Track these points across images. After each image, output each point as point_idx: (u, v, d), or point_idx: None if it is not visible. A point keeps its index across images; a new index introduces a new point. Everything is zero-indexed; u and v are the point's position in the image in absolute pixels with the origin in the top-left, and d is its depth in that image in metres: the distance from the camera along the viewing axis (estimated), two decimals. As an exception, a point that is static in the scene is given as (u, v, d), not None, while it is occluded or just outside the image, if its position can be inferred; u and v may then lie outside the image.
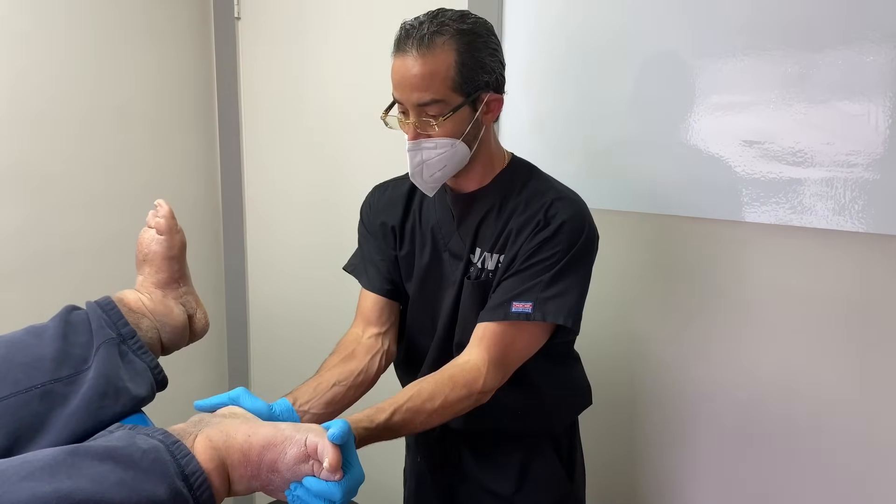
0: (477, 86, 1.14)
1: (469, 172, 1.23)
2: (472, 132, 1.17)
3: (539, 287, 1.16)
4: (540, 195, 1.21)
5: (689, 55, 1.47)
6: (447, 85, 1.11)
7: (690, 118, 1.48)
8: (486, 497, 1.37)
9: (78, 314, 0.98)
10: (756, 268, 1.46)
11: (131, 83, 2.07)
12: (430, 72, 1.10)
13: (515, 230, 1.19)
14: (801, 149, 1.36)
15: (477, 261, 1.24)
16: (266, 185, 2.32)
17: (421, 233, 1.32)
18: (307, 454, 0.80)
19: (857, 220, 1.32)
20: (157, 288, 1.11)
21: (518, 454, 1.34)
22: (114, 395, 0.89)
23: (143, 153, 2.13)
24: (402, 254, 1.35)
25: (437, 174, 1.18)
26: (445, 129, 1.14)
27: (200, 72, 2.28)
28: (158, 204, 1.15)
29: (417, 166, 1.17)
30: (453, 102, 1.13)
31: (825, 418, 1.41)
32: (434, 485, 1.44)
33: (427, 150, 1.15)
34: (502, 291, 1.18)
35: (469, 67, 1.12)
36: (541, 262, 1.16)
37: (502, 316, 1.16)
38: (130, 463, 0.69)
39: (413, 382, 1.13)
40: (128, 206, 2.08)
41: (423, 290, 1.33)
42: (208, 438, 0.78)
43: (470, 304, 1.24)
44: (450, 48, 1.11)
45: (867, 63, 1.28)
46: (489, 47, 1.15)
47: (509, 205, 1.22)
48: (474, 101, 1.15)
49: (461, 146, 1.16)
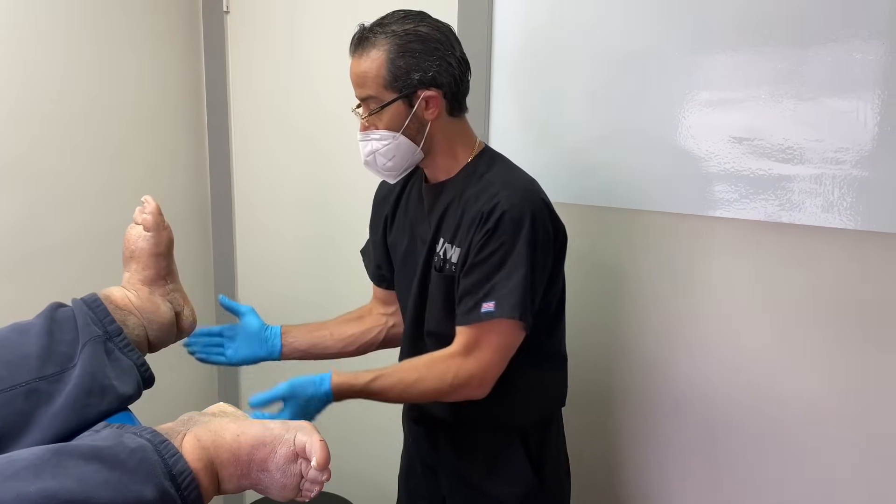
0: (409, 84, 1.22)
1: (434, 163, 1.32)
2: (414, 126, 1.26)
3: (500, 284, 1.21)
4: (490, 185, 1.25)
5: (680, 52, 1.47)
6: (378, 83, 1.22)
7: (681, 114, 1.48)
8: (460, 483, 1.42)
9: (64, 311, 0.97)
10: (745, 264, 1.46)
11: (118, 78, 2.05)
12: (365, 71, 1.23)
13: (467, 222, 1.25)
14: (790, 145, 1.36)
15: (440, 250, 1.31)
16: (255, 181, 2.31)
17: (405, 221, 1.41)
18: (296, 453, 0.79)
19: (846, 216, 1.32)
20: (144, 285, 1.10)
21: (487, 446, 1.38)
22: (100, 394, 0.88)
23: (130, 149, 2.11)
24: (391, 241, 1.45)
25: (388, 164, 1.29)
26: (384, 122, 1.25)
27: (189, 66, 2.26)
28: (145, 200, 1.14)
29: (369, 155, 1.29)
30: (384, 98, 1.23)
31: (812, 416, 1.42)
32: (420, 466, 1.51)
33: (374, 142, 1.27)
34: (469, 291, 1.23)
35: (399, 67, 1.21)
36: (490, 255, 1.21)
37: (475, 318, 1.22)
38: (117, 463, 0.68)
39: (405, 360, 1.27)
40: (114, 203, 2.06)
41: (402, 276, 1.41)
42: (196, 438, 0.77)
43: (437, 294, 1.31)
44: (382, 49, 1.21)
45: (856, 60, 1.28)
46: (427, 47, 1.22)
47: (466, 196, 1.28)
48: (409, 97, 1.23)
49: (403, 139, 1.26)
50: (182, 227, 2.20)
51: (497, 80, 1.71)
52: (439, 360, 1.24)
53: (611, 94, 1.56)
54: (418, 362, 1.25)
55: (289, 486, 0.81)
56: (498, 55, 1.70)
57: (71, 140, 1.96)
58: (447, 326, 1.28)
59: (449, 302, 1.29)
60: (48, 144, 1.90)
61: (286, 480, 0.80)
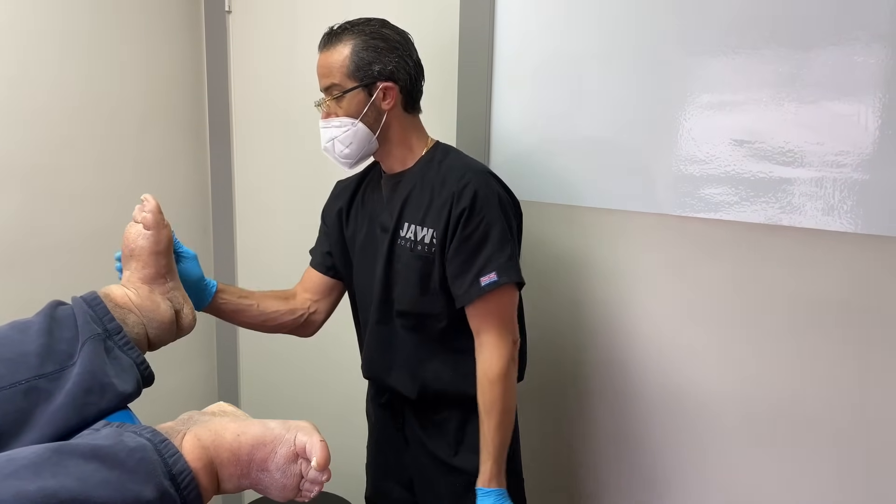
0: (370, 74, 1.35)
1: (390, 154, 1.43)
2: (371, 115, 1.37)
3: (494, 256, 1.32)
4: (453, 170, 1.38)
5: (681, 54, 1.47)
6: (342, 72, 1.35)
7: (682, 117, 1.48)
8: (428, 461, 1.48)
9: (63, 309, 0.96)
10: (745, 267, 1.46)
11: (120, 76, 2.05)
12: (330, 61, 1.36)
13: (438, 205, 1.35)
14: (791, 148, 1.36)
15: (406, 233, 1.39)
16: (256, 180, 2.31)
17: (363, 213, 1.50)
18: (296, 453, 0.79)
19: (847, 220, 1.32)
20: (144, 283, 1.10)
21: (454, 420, 1.45)
22: (99, 392, 0.88)
23: (131, 147, 2.11)
24: (348, 234, 1.52)
25: (345, 150, 1.38)
26: (344, 108, 1.36)
27: (191, 66, 2.26)
28: (145, 199, 1.14)
29: (328, 141, 1.39)
30: (346, 85, 1.35)
31: (809, 416, 1.42)
32: (389, 451, 1.57)
33: (334, 129, 1.37)
34: (463, 270, 1.33)
35: (362, 58, 1.34)
36: (473, 232, 1.32)
37: (477, 294, 1.32)
38: (116, 462, 0.68)
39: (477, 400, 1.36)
40: (115, 201, 2.06)
41: (362, 263, 1.48)
42: (197, 437, 0.77)
43: (411, 275, 1.39)
44: (347, 43, 1.35)
45: (857, 63, 1.28)
46: (389, 45, 1.36)
47: (428, 181, 1.39)
48: (369, 87, 1.35)
49: (361, 127, 1.36)
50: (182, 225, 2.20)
51: (498, 83, 1.71)
52: (489, 369, 1.34)
53: (612, 97, 1.56)
54: (483, 396, 1.35)
55: (289, 487, 0.81)
56: (499, 58, 1.70)
57: (71, 138, 1.95)
58: (422, 304, 1.39)
59: (424, 280, 1.38)
60: (48, 142, 1.90)
61: (286, 480, 0.80)
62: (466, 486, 1.41)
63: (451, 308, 1.38)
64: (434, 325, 1.40)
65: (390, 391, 1.51)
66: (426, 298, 1.39)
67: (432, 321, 1.40)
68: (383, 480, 1.60)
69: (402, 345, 1.44)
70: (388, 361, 1.46)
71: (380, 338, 1.46)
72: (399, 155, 1.43)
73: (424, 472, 1.50)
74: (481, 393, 1.36)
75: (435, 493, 1.48)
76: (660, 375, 1.60)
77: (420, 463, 1.50)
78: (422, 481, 1.51)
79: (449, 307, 1.38)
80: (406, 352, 1.44)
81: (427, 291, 1.38)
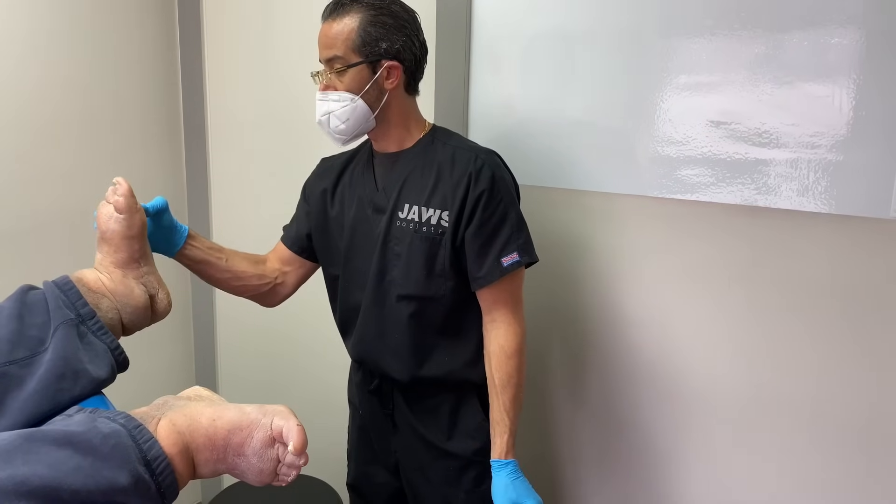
0: (375, 51, 1.31)
1: (387, 134, 1.40)
2: (373, 93, 1.33)
3: (513, 235, 1.34)
4: (463, 152, 1.37)
5: (658, 35, 1.47)
6: (347, 45, 1.30)
7: (659, 98, 1.48)
8: (419, 445, 1.47)
9: (34, 294, 0.94)
10: (722, 248, 1.47)
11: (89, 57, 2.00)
12: (336, 32, 1.31)
13: (452, 186, 1.34)
14: (766, 129, 1.37)
15: (407, 214, 1.36)
16: (232, 164, 2.28)
17: (350, 194, 1.46)
18: (273, 438, 0.79)
19: (821, 200, 1.33)
20: (117, 267, 1.08)
21: (448, 404, 1.44)
22: (72, 378, 0.87)
23: (102, 129, 2.07)
24: (333, 214, 1.48)
25: (341, 126, 1.35)
26: (345, 83, 1.32)
27: (164, 46, 2.22)
28: (117, 182, 1.12)
29: (324, 115, 1.35)
30: (351, 59, 1.31)
31: (785, 398, 1.44)
32: (374, 437, 1.54)
33: (332, 102, 1.33)
34: (484, 251, 1.33)
35: (369, 34, 1.30)
36: (493, 214, 1.33)
37: (499, 274, 1.33)
38: (90, 448, 0.67)
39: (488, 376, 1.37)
40: (86, 184, 2.02)
41: (353, 245, 1.44)
42: (172, 422, 0.76)
43: (417, 257, 1.36)
44: (355, 16, 1.30)
45: (832, 45, 1.29)
46: (395, 20, 1.32)
47: (436, 162, 1.37)
48: (373, 64, 1.32)
49: (360, 103, 1.33)
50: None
51: (476, 65, 1.70)
52: (506, 344, 1.35)
53: (590, 78, 1.56)
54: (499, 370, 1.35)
55: (266, 471, 0.81)
56: (477, 41, 1.69)
57: (41, 119, 1.91)
58: (425, 287, 1.36)
59: (430, 262, 1.36)
60: (17, 124, 1.86)
61: (263, 465, 0.80)
62: (461, 470, 1.42)
63: (455, 291, 1.37)
64: (435, 309, 1.38)
65: (381, 376, 1.48)
66: (430, 281, 1.36)
67: (434, 305, 1.38)
68: (367, 465, 1.58)
69: (397, 328, 1.40)
70: (382, 345, 1.43)
71: (374, 321, 1.43)
72: (396, 135, 1.40)
73: (414, 457, 1.48)
74: (497, 367, 1.35)
75: (426, 478, 1.47)
76: (635, 352, 1.62)
77: (410, 448, 1.48)
78: (410, 466, 1.49)
79: (454, 290, 1.37)
80: (402, 335, 1.40)
81: (432, 273, 1.36)
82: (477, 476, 1.43)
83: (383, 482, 1.56)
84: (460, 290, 1.37)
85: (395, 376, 1.43)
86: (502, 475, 1.33)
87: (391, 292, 1.40)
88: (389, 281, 1.39)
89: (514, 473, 1.33)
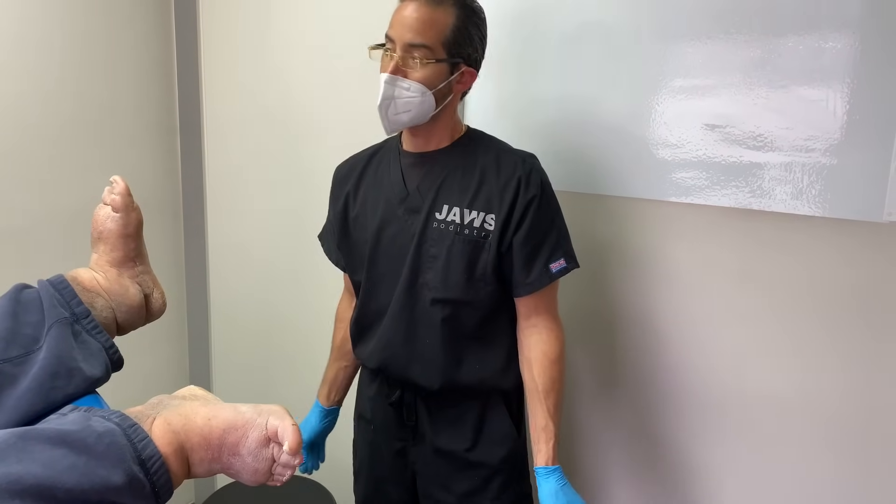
0: (461, 53, 1.28)
1: (431, 132, 1.35)
2: (443, 92, 1.29)
3: (560, 241, 1.35)
4: (508, 155, 1.36)
5: (655, 38, 1.47)
6: (440, 39, 1.25)
7: (654, 101, 1.48)
8: (438, 458, 1.43)
9: (29, 293, 0.94)
10: (716, 251, 1.48)
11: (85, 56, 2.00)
12: (432, 21, 1.25)
13: (499, 189, 1.32)
14: (761, 133, 1.38)
15: (447, 215, 1.33)
16: (227, 163, 2.28)
17: (374, 194, 1.41)
18: (268, 437, 0.79)
19: (814, 204, 1.34)
20: (113, 266, 1.08)
21: (474, 412, 1.41)
22: (66, 376, 0.86)
23: (99, 129, 2.07)
24: (353, 215, 1.44)
25: (402, 116, 1.29)
26: (422, 74, 1.26)
27: (160, 43, 2.21)
28: (114, 180, 1.12)
29: (387, 99, 1.27)
30: (439, 54, 1.26)
31: (780, 399, 1.45)
32: (387, 451, 1.49)
33: (401, 89, 1.26)
34: (534, 256, 1.32)
35: (461, 34, 1.27)
36: (542, 218, 1.32)
37: (548, 280, 1.33)
38: (84, 447, 0.67)
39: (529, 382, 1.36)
40: (82, 184, 2.02)
41: (379, 247, 1.39)
42: (167, 422, 0.76)
43: (458, 261, 1.32)
44: (452, 12, 1.26)
45: (827, 49, 1.30)
46: (480, 29, 1.31)
47: (478, 164, 1.35)
48: (454, 65, 1.28)
49: (429, 99, 1.28)
50: (152, 208, 2.17)
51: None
52: (549, 349, 1.35)
53: (585, 80, 1.56)
54: (543, 375, 1.34)
55: (260, 471, 0.81)
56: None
57: (37, 119, 1.91)
58: (464, 291, 1.34)
59: (472, 266, 1.33)
60: (15, 124, 1.85)
61: (258, 465, 0.80)
62: (486, 479, 1.40)
63: (491, 296, 1.34)
64: (470, 314, 1.35)
65: (404, 385, 1.43)
66: (470, 285, 1.33)
67: (469, 309, 1.35)
68: (380, 483, 1.53)
69: (429, 333, 1.36)
70: (410, 351, 1.38)
71: (403, 326, 1.37)
72: (437, 135, 1.36)
73: (435, 470, 1.44)
74: (540, 373, 1.34)
75: (447, 491, 1.43)
76: (621, 360, 1.62)
77: (430, 460, 1.44)
78: (430, 479, 1.45)
79: (491, 295, 1.34)
80: (434, 341, 1.35)
81: (472, 277, 1.33)
82: (503, 483, 1.41)
83: (397, 499, 1.51)
84: (497, 295, 1.35)
85: (423, 384, 1.38)
86: (551, 481, 1.30)
87: (424, 296, 1.35)
88: (423, 284, 1.35)
89: (562, 479, 1.31)
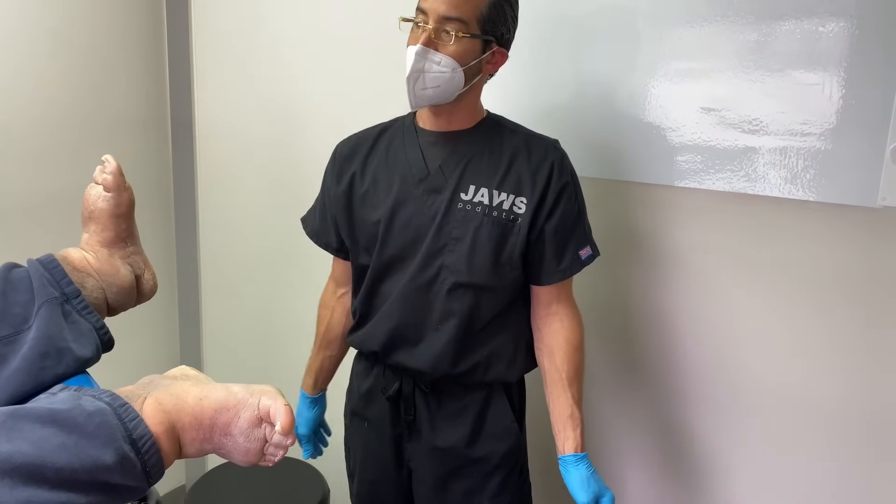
0: (495, 31, 1.26)
1: (454, 112, 1.32)
2: (472, 70, 1.26)
3: (587, 230, 1.37)
4: (538, 139, 1.35)
5: (651, 21, 1.46)
6: (475, 14, 1.22)
7: (651, 84, 1.48)
8: (434, 454, 1.40)
9: (18, 272, 0.93)
10: (711, 235, 1.48)
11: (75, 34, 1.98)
12: None
13: (530, 172, 1.30)
14: (756, 117, 1.37)
15: (473, 196, 1.29)
16: (218, 141, 2.26)
17: (387, 172, 1.36)
18: (260, 417, 0.79)
19: (808, 189, 1.34)
20: (103, 247, 1.07)
21: (476, 405, 1.38)
22: (56, 356, 0.86)
23: (90, 108, 2.05)
24: (361, 192, 1.38)
25: (428, 91, 1.24)
26: (455, 49, 1.22)
27: (150, 21, 2.19)
28: (106, 159, 1.10)
29: (416, 72, 1.23)
30: (473, 30, 1.23)
31: (771, 385, 1.46)
32: (381, 450, 1.45)
33: (431, 62, 1.22)
34: (565, 243, 1.33)
35: (497, 12, 1.24)
36: (571, 206, 1.33)
37: (578, 267, 1.35)
38: (74, 426, 0.67)
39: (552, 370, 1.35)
40: (73, 163, 2.00)
41: (392, 228, 1.34)
42: (158, 401, 0.76)
43: (485, 244, 1.29)
44: None
45: (823, 33, 1.29)
46: (514, 9, 1.29)
47: (506, 147, 1.33)
48: (486, 43, 1.26)
49: (459, 76, 1.24)
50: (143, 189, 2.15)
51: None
52: (572, 336, 1.36)
53: (582, 65, 1.55)
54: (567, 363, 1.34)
55: (252, 451, 0.80)
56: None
57: (28, 98, 1.89)
58: (491, 276, 1.31)
59: (499, 249, 1.30)
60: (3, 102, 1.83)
61: (250, 445, 0.80)
62: (486, 475, 1.38)
63: (515, 283, 1.32)
64: (489, 300, 1.32)
65: (403, 374, 1.39)
66: (496, 269, 1.30)
67: (489, 295, 1.31)
68: (375, 486, 1.49)
69: (442, 318, 1.32)
70: (417, 336, 1.34)
71: (414, 309, 1.33)
72: (464, 115, 1.33)
73: (432, 466, 1.40)
74: (563, 361, 1.34)
75: (445, 488, 1.40)
76: (620, 344, 1.62)
77: (428, 457, 1.41)
78: (427, 476, 1.42)
79: (513, 281, 1.32)
80: (446, 326, 1.31)
81: (498, 261, 1.29)
82: (502, 481, 1.39)
83: (394, 500, 1.49)
84: (518, 282, 1.33)
85: (426, 370, 1.34)
86: (581, 468, 1.29)
87: (443, 279, 1.31)
88: (441, 266, 1.31)
89: (591, 467, 1.30)
